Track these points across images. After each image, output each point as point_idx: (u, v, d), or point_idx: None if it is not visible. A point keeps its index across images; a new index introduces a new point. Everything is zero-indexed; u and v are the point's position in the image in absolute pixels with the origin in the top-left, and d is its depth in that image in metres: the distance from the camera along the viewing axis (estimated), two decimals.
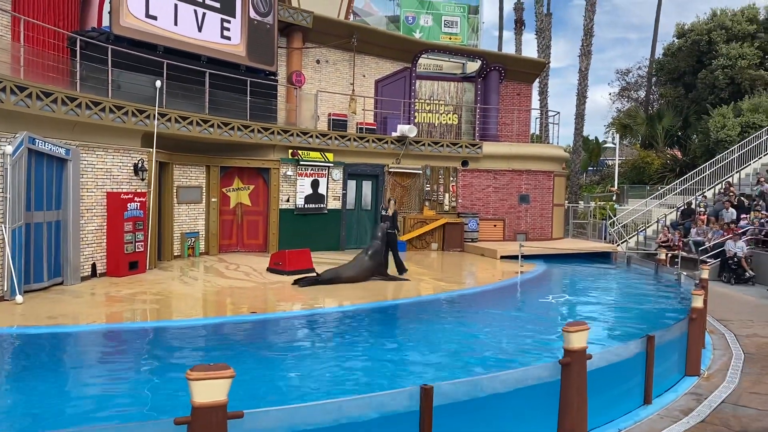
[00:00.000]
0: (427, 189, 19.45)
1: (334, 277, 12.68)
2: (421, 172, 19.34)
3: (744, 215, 18.87)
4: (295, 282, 12.42)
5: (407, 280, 13.54)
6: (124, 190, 12.79)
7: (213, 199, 16.35)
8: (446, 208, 19.71)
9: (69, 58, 13.43)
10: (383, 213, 14.85)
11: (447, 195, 19.72)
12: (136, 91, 13.73)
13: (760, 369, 8.35)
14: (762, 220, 17.93)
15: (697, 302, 8.26)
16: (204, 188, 16.22)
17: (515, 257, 15.97)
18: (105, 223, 12.51)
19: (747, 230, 17.88)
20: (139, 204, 12.88)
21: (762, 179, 20.68)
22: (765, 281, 16.13)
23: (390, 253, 13.98)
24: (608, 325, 10.26)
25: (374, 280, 13.21)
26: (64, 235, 11.51)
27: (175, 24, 14.93)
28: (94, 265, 12.35)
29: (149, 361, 7.44)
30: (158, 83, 13.40)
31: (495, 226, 20.19)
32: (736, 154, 23.49)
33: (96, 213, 12.34)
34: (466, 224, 19.49)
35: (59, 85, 11.87)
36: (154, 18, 14.45)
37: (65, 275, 11.56)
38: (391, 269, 13.85)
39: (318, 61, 19.52)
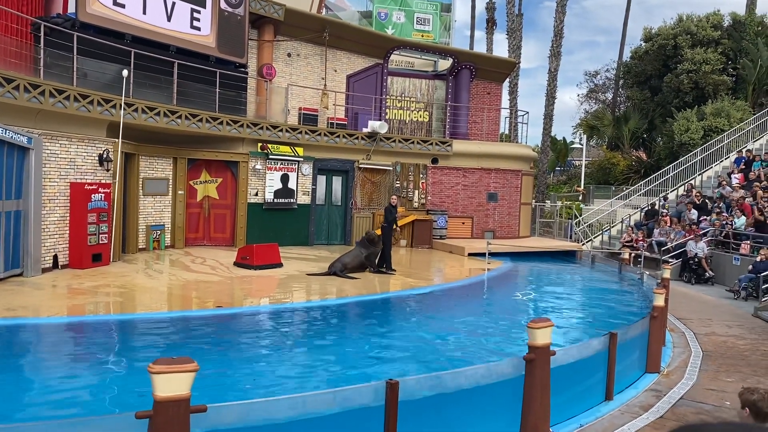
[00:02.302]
0: (396, 186, 19.47)
1: (343, 266, 13.35)
2: (391, 168, 19.36)
3: (705, 217, 19.33)
4: (311, 274, 13.12)
5: (393, 273, 13.94)
6: (89, 181, 12.52)
7: (180, 192, 16.10)
8: (415, 204, 19.77)
9: (32, 44, 13.07)
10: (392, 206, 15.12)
11: (416, 192, 19.78)
12: (103, 79, 13.45)
13: (717, 366, 8.57)
14: (722, 222, 18.39)
15: (659, 301, 8.45)
16: (171, 180, 15.96)
17: (482, 254, 16.10)
18: (68, 214, 12.23)
19: (707, 231, 18.32)
20: (103, 195, 12.62)
21: (723, 182, 21.21)
22: (724, 281, 16.55)
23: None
24: (572, 322, 10.41)
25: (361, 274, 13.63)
26: (25, 226, 11.21)
27: (144, 12, 14.64)
28: (55, 257, 12.06)
29: (111, 354, 7.32)
30: (125, 72, 13.11)
31: (463, 223, 20.32)
32: (699, 157, 24.05)
33: (59, 203, 12.06)
34: (435, 221, 19.58)
35: (22, 72, 11.55)
36: (122, 6, 14.15)
37: (25, 266, 11.27)
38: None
39: (289, 55, 19.34)
